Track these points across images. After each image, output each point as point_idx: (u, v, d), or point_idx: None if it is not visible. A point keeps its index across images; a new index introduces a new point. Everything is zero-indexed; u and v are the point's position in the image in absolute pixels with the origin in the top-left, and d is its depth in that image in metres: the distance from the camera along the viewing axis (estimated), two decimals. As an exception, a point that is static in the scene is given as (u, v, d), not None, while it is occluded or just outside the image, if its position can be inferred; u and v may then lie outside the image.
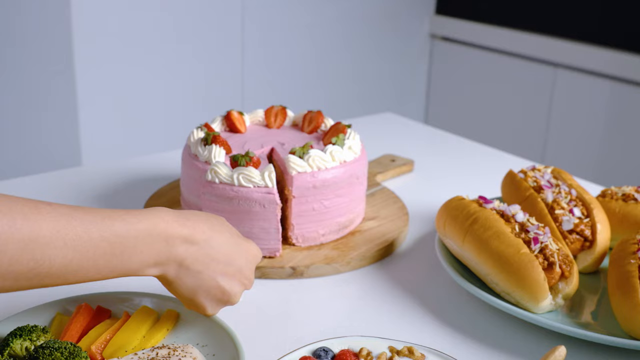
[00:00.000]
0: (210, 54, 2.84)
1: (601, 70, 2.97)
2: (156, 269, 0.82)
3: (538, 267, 0.99)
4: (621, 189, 1.24)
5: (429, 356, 0.80)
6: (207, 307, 0.88)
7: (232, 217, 1.12)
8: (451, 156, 1.73)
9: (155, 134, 2.74)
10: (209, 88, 2.86)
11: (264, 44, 3.00)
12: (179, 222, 0.82)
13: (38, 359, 0.82)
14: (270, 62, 3.05)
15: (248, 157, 1.15)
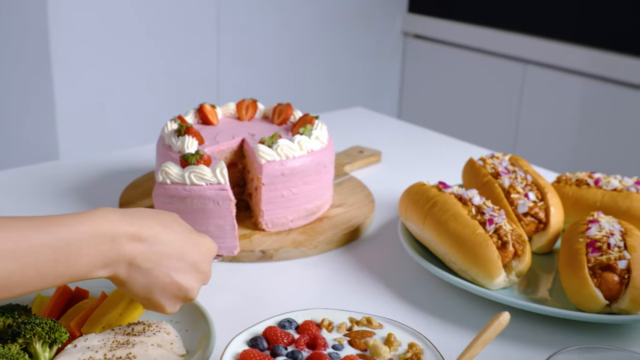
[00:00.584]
0: (186, 51, 2.89)
1: (571, 67, 3.05)
2: (106, 270, 0.79)
3: (492, 246, 1.05)
4: (575, 174, 1.31)
5: (386, 326, 0.85)
6: (165, 305, 0.86)
7: (187, 217, 1.13)
8: (418, 148, 1.79)
9: (132, 129, 2.78)
10: (185, 84, 2.91)
11: (239, 41, 3.05)
12: (125, 220, 0.80)
13: (20, 333, 0.87)
14: (245, 59, 3.10)
15: (198, 156, 1.16)
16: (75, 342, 0.89)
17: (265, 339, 0.81)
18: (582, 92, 3.03)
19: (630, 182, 1.26)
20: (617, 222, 1.13)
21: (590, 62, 2.97)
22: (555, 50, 3.10)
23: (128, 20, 2.69)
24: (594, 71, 2.97)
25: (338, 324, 0.85)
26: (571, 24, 3.08)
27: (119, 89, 2.73)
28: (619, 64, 2.88)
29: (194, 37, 2.90)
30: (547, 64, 3.16)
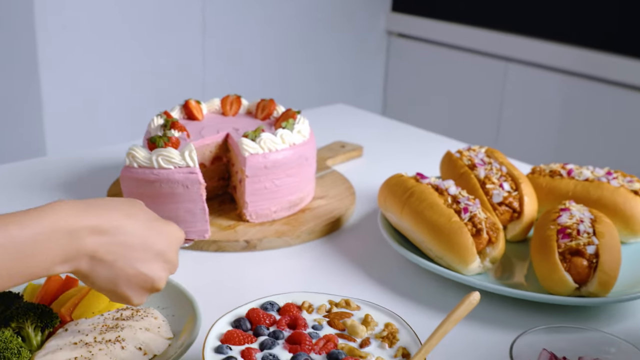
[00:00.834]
0: (171, 48, 2.92)
1: (552, 65, 3.10)
2: (66, 265, 0.76)
3: (467, 233, 1.10)
4: (549, 166, 1.36)
5: (363, 307, 0.90)
6: (132, 296, 0.82)
7: (156, 202, 1.12)
8: (399, 143, 1.83)
9: (119, 125, 2.81)
10: (171, 81, 2.95)
11: (224, 40, 3.08)
12: (84, 212, 0.77)
13: (13, 318, 0.91)
14: (230, 59, 3.13)
15: (166, 138, 1.15)
16: (66, 326, 0.93)
17: (248, 320, 0.85)
18: (563, 90, 3.09)
19: (601, 172, 1.31)
20: (587, 210, 1.17)
21: (571, 60, 3.02)
22: (536, 48, 3.15)
23: (114, 18, 2.72)
24: (575, 69, 3.02)
25: (318, 305, 0.89)
26: (552, 22, 3.13)
27: (105, 86, 2.76)
28: (599, 61, 2.93)
29: (180, 35, 2.93)
30: (529, 61, 3.21)
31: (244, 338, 0.82)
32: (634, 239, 1.26)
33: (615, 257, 1.07)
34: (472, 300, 0.83)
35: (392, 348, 0.82)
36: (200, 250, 1.22)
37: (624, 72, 2.88)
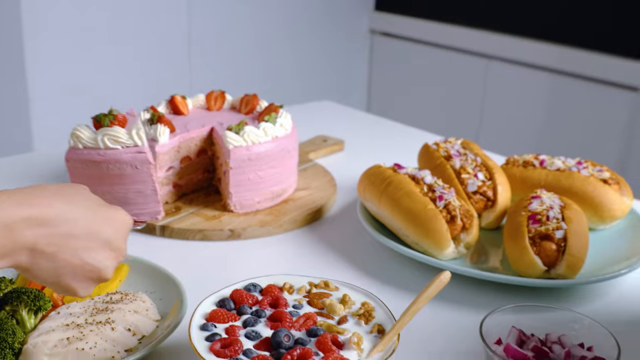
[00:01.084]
0: (158, 46, 2.97)
1: (532, 62, 3.16)
2: (4, 260, 0.72)
3: (441, 220, 1.15)
4: (522, 156, 1.41)
5: (342, 288, 0.94)
6: (78, 288, 0.79)
7: (104, 184, 1.08)
8: (381, 137, 1.88)
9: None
10: (158, 78, 2.99)
11: (209, 41, 3.13)
12: (21, 203, 0.72)
13: (7, 301, 0.95)
14: (216, 60, 3.18)
15: (111, 116, 1.10)
16: (59, 309, 0.97)
17: (232, 300, 0.90)
18: (542, 86, 3.15)
19: (572, 162, 1.36)
20: (558, 197, 1.23)
21: (549, 57, 3.09)
22: (516, 46, 3.21)
23: (100, 15, 2.76)
24: (554, 66, 3.09)
25: (298, 287, 0.94)
26: (531, 21, 3.19)
27: (92, 81, 2.80)
28: (578, 59, 2.99)
29: (166, 32, 2.98)
30: (509, 59, 3.27)
31: (228, 316, 0.86)
32: (603, 225, 1.31)
33: (582, 242, 1.13)
34: (443, 279, 0.88)
35: (368, 325, 0.87)
36: (186, 239, 1.26)
37: (601, 69, 2.94)
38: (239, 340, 0.82)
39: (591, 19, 3.01)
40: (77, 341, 0.90)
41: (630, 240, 1.26)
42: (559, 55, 3.06)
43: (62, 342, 0.90)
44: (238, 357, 0.79)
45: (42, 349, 0.89)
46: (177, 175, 1.36)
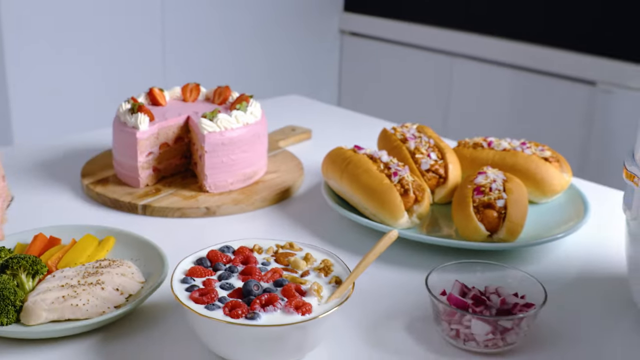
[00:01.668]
0: (133, 41, 3.08)
1: (494, 59, 3.32)
2: None
3: (396, 193, 1.28)
4: (472, 139, 1.55)
5: (305, 248, 1.07)
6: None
7: None
8: (347, 128, 2.01)
9: (84, 114, 2.96)
10: (135, 72, 3.10)
11: (182, 41, 3.25)
12: None
13: (8, 266, 1.07)
14: (189, 60, 3.30)
15: None
16: (54, 273, 1.09)
17: (208, 259, 1.02)
18: (505, 82, 3.30)
19: (517, 143, 1.50)
20: (502, 173, 1.36)
21: (511, 54, 3.24)
22: (479, 43, 3.36)
23: (77, 10, 2.87)
24: (516, 62, 3.24)
25: (266, 248, 1.07)
26: (494, 19, 3.34)
27: (69, 75, 2.91)
28: (539, 55, 3.15)
29: (140, 31, 3.09)
30: (472, 56, 3.42)
31: (204, 272, 0.99)
32: (545, 199, 1.45)
33: (521, 210, 1.26)
34: (391, 236, 1.01)
35: (327, 277, 1.00)
36: (165, 216, 1.39)
37: (561, 65, 3.10)
38: (215, 289, 0.95)
39: (550, 17, 3.17)
40: (72, 298, 1.02)
41: (569, 212, 1.40)
42: (521, 52, 3.21)
43: (58, 299, 1.02)
44: (214, 303, 0.92)
45: (41, 305, 1.01)
46: (157, 160, 1.48)
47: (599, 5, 3.02)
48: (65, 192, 1.49)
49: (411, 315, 1.10)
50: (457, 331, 1.00)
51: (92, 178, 1.50)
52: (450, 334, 1.01)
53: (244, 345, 0.91)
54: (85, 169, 1.56)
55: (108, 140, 1.73)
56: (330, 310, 0.91)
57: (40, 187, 1.52)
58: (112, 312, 1.02)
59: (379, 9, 3.82)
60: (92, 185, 1.47)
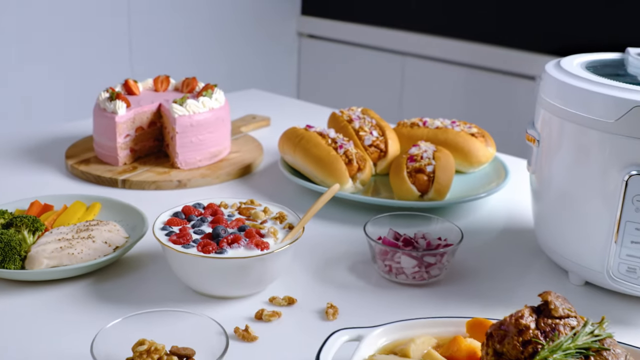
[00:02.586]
0: (99, 50, 3.27)
1: (443, 57, 3.56)
2: None
3: (341, 162, 1.50)
4: (410, 120, 1.77)
5: (263, 204, 1.28)
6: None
7: None
8: (303, 117, 2.22)
9: (56, 107, 3.14)
10: (102, 78, 3.29)
11: (148, 46, 3.44)
12: None
13: (12, 224, 1.26)
14: (154, 64, 3.49)
15: None
16: (51, 230, 1.29)
17: (182, 213, 1.23)
18: (452, 78, 3.54)
19: (448, 122, 1.72)
20: (433, 146, 1.58)
21: (459, 52, 3.48)
22: (428, 43, 3.60)
23: (46, 8, 3.05)
24: (463, 60, 3.48)
25: (231, 204, 1.28)
26: (442, 20, 3.59)
27: (40, 71, 3.08)
28: (484, 53, 3.40)
29: (108, 34, 3.28)
30: (422, 55, 3.66)
31: (180, 222, 1.20)
32: (472, 169, 1.67)
33: (448, 174, 1.49)
34: (334, 189, 1.23)
35: (282, 224, 1.21)
36: (142, 189, 1.59)
37: (508, 63, 3.34)
38: (189, 234, 1.15)
39: (495, 17, 3.42)
40: (68, 248, 1.22)
41: (492, 178, 1.63)
42: (467, 50, 3.45)
43: (56, 249, 1.22)
44: (189, 243, 1.13)
45: (42, 254, 1.21)
46: (133, 142, 1.68)
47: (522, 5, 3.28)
48: (52, 172, 1.68)
49: (353, 259, 1.31)
50: (389, 267, 1.22)
51: (76, 159, 1.69)
52: (384, 269, 1.23)
53: (214, 277, 1.12)
54: (69, 152, 1.76)
55: (84, 129, 1.92)
56: (284, 247, 1.13)
57: (28, 168, 1.70)
58: (105, 257, 1.22)
59: (334, 12, 4.05)
60: (76, 164, 1.66)
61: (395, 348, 0.97)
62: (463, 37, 3.50)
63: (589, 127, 1.14)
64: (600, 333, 0.85)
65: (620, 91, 1.11)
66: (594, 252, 1.17)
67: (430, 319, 1.00)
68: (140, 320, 0.98)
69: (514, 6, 3.32)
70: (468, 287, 1.24)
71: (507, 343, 0.84)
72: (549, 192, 1.24)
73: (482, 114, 3.45)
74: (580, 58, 1.32)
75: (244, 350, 1.04)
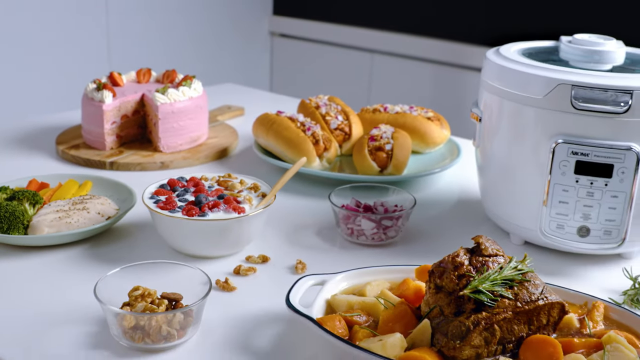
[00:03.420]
0: (78, 52, 3.41)
1: (409, 54, 3.74)
2: None
3: (309, 143, 1.66)
4: (372, 106, 1.94)
5: (239, 176, 1.44)
6: None
7: None
8: (273, 107, 2.38)
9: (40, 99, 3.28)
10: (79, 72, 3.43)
11: (125, 45, 3.58)
12: None
13: (15, 197, 1.41)
14: (131, 62, 3.63)
15: None
16: (49, 203, 1.44)
17: (168, 185, 1.39)
18: (418, 74, 3.72)
19: (406, 107, 1.89)
20: (393, 128, 1.75)
21: (424, 49, 3.66)
22: (395, 40, 3.78)
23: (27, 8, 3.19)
24: (426, 56, 3.66)
25: (210, 177, 1.44)
26: (408, 19, 3.77)
27: (20, 66, 3.21)
28: (449, 50, 3.58)
29: (86, 35, 3.42)
30: (390, 52, 3.84)
31: (166, 192, 1.35)
32: (429, 149, 1.84)
33: (404, 152, 1.66)
34: (301, 161, 1.39)
35: (256, 192, 1.37)
36: (129, 170, 1.74)
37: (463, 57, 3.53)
38: (175, 201, 1.31)
39: (456, 17, 3.60)
40: (66, 218, 1.37)
41: (446, 157, 1.81)
42: (430, 47, 3.63)
43: (55, 219, 1.37)
44: (175, 209, 1.28)
45: (43, 222, 1.36)
46: (119, 128, 1.84)
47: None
48: (44, 158, 1.83)
49: (319, 225, 1.48)
50: (351, 229, 1.39)
51: (66, 145, 1.84)
52: (347, 232, 1.40)
53: (197, 238, 1.28)
54: (58, 139, 1.90)
55: (69, 120, 2.07)
56: (259, 210, 1.29)
57: (22, 155, 1.85)
58: (99, 224, 1.37)
59: (305, 12, 4.22)
60: (67, 150, 1.81)
61: (354, 290, 1.14)
62: (427, 35, 3.69)
63: (522, 104, 1.31)
64: (522, 268, 1.02)
65: (547, 71, 1.28)
66: (530, 214, 1.34)
67: (385, 266, 1.17)
68: (136, 270, 1.14)
69: (473, 6, 3.51)
70: (420, 247, 1.41)
71: (445, 277, 1.01)
72: (491, 164, 1.42)
73: (442, 104, 3.63)
74: (518, 46, 1.50)
75: (225, 298, 1.20)
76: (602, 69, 1.35)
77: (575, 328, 1.06)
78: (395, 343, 0.97)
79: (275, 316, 1.15)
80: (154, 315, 1.04)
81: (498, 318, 0.97)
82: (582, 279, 1.31)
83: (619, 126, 1.24)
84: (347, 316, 1.04)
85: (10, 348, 1.05)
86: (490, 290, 0.99)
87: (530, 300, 1.00)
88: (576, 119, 1.25)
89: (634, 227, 1.29)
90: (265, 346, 1.08)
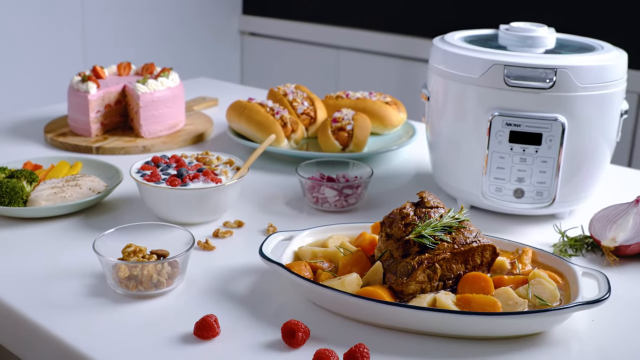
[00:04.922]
0: (54, 51, 3.55)
1: (373, 49, 3.93)
2: None
3: (278, 125, 1.84)
4: (336, 93, 2.12)
5: (216, 154, 1.61)
6: None
7: None
8: (244, 97, 2.55)
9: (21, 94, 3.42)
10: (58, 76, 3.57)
11: (100, 42, 3.74)
12: None
13: (14, 175, 1.57)
14: (106, 58, 3.78)
15: None
16: (44, 181, 1.60)
17: (152, 162, 1.55)
18: (381, 68, 3.91)
19: (366, 94, 2.08)
20: (354, 111, 1.93)
21: (386, 45, 3.85)
22: (360, 37, 3.97)
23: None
24: (390, 51, 3.85)
25: (190, 155, 1.61)
26: (371, 16, 3.95)
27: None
28: (409, 45, 3.77)
29: (62, 33, 3.56)
30: (355, 48, 4.02)
31: (151, 168, 1.52)
32: (387, 131, 2.03)
33: (364, 132, 1.84)
34: (271, 138, 1.57)
35: (231, 166, 1.54)
36: (113, 154, 1.90)
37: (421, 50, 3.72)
38: (159, 174, 1.48)
39: (418, 12, 3.79)
40: (60, 193, 1.54)
41: (403, 137, 1.99)
42: (395, 43, 3.82)
43: (51, 194, 1.53)
44: (159, 181, 1.45)
45: (40, 197, 1.52)
46: (103, 117, 2.00)
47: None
48: (34, 145, 1.98)
49: (288, 197, 1.65)
50: (316, 198, 1.57)
51: (54, 133, 2.00)
52: (312, 200, 1.57)
53: (180, 206, 1.45)
54: (47, 128, 2.06)
55: (54, 112, 2.23)
56: (234, 181, 1.46)
57: (12, 142, 2.00)
58: (92, 196, 1.53)
59: (273, 11, 4.39)
60: (55, 137, 1.97)
61: (317, 244, 1.31)
62: (390, 31, 3.88)
63: (464, 83, 1.50)
64: (459, 217, 1.21)
65: (483, 54, 1.47)
66: (473, 180, 1.53)
67: (345, 224, 1.35)
68: (129, 230, 1.31)
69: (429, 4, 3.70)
70: (378, 212, 1.58)
71: (394, 226, 1.19)
72: (439, 138, 1.60)
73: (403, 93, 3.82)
74: (461, 34, 1.68)
75: (205, 256, 1.37)
76: (535, 53, 1.54)
77: (507, 269, 1.25)
78: (352, 281, 1.15)
79: (250, 269, 1.32)
80: (146, 265, 1.21)
81: (438, 258, 1.16)
82: (519, 235, 1.50)
83: (546, 100, 1.43)
84: (312, 262, 1.22)
85: (20, 300, 1.21)
86: (432, 235, 1.17)
87: (466, 243, 1.18)
88: (509, 94, 1.44)
89: (563, 188, 1.49)
90: (242, 292, 1.25)
